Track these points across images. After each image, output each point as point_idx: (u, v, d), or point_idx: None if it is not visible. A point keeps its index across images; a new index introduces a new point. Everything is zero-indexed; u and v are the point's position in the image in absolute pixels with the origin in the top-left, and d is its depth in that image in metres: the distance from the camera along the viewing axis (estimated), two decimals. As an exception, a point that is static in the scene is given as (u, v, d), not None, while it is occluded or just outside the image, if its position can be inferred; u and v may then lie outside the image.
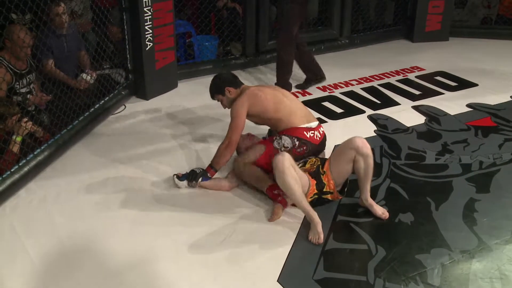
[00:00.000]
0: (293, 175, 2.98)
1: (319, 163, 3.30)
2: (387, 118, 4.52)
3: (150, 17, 4.61)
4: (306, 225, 3.10)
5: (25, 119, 3.61)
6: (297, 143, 3.42)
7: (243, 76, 5.41)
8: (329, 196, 3.25)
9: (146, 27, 4.61)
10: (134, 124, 4.43)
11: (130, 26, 4.63)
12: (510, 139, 4.09)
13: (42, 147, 3.66)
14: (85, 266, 2.80)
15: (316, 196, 3.20)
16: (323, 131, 3.58)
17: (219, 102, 3.72)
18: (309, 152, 3.48)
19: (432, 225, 3.10)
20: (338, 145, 3.97)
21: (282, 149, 3.38)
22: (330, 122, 4.47)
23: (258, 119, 3.62)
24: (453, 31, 6.67)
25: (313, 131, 3.50)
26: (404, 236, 3.02)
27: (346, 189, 3.29)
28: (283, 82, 4.92)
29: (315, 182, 3.19)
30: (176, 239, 3.00)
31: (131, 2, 4.53)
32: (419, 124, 4.39)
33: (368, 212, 3.22)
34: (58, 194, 3.42)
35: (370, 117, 4.54)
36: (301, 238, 3.00)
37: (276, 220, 3.16)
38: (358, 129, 4.29)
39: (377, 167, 3.72)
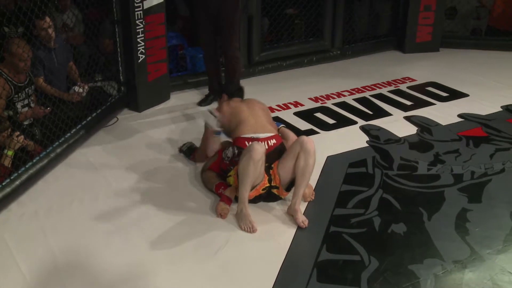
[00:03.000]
0: (257, 168, 3.15)
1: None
2: (379, 128, 4.53)
3: (142, 29, 4.62)
4: (300, 236, 3.12)
5: (17, 133, 3.60)
6: (236, 151, 3.47)
7: (235, 87, 5.43)
8: (275, 191, 3.37)
9: (138, 40, 4.62)
10: (127, 136, 4.42)
11: (122, 39, 4.64)
12: (501, 149, 4.12)
13: (34, 160, 3.65)
14: (78, 280, 2.78)
15: (267, 189, 3.34)
16: (274, 143, 3.49)
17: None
18: None
19: (425, 235, 3.11)
20: (330, 156, 4.02)
21: (226, 159, 3.51)
22: (323, 133, 4.49)
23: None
24: (443, 42, 6.72)
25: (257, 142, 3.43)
26: (397, 246, 3.02)
27: (293, 187, 3.35)
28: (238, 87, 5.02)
29: (267, 176, 3.32)
30: (169, 251, 2.99)
31: (123, 15, 4.55)
32: (411, 135, 4.41)
33: (361, 223, 3.22)
34: (50, 208, 3.40)
35: (362, 128, 4.56)
36: (294, 249, 3.00)
37: (226, 215, 3.30)
38: (350, 139, 4.31)
39: (370, 177, 3.74)
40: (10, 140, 3.55)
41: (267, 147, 3.43)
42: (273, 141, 3.49)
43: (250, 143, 3.25)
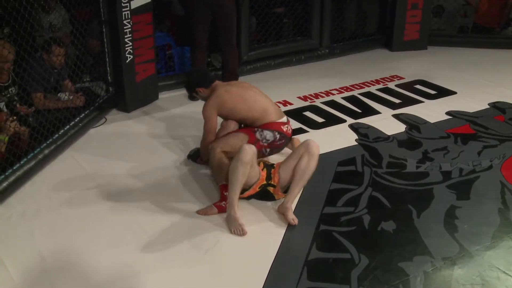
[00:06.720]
0: (246, 171, 3.13)
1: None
2: (368, 127, 4.55)
3: (129, 29, 4.59)
4: (290, 235, 3.12)
5: (11, 119, 3.63)
6: (278, 136, 3.56)
7: (224, 87, 5.42)
8: (271, 189, 3.37)
9: (126, 40, 4.59)
10: (115, 137, 4.40)
11: (110, 39, 4.61)
12: (488, 146, 4.15)
13: (22, 162, 3.62)
14: (66, 281, 2.76)
15: (263, 187, 3.35)
16: (291, 125, 3.75)
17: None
18: (285, 145, 3.70)
19: (414, 233, 3.12)
20: (319, 154, 4.01)
21: (264, 140, 3.52)
22: (312, 131, 4.49)
23: (230, 117, 3.76)
24: (431, 40, 6.76)
25: (287, 126, 3.65)
26: (386, 244, 3.04)
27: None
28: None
29: (266, 173, 3.33)
30: (159, 252, 2.98)
31: (110, 15, 4.52)
32: (399, 133, 4.43)
33: (351, 221, 3.23)
34: (38, 209, 3.37)
35: (351, 126, 4.57)
36: (284, 248, 3.00)
37: (202, 215, 3.29)
38: (339, 138, 4.32)
39: (359, 176, 3.75)
40: (4, 126, 3.54)
41: (291, 129, 3.67)
42: (291, 125, 3.71)
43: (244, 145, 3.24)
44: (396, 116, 4.76)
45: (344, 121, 4.69)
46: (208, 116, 3.66)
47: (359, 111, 4.91)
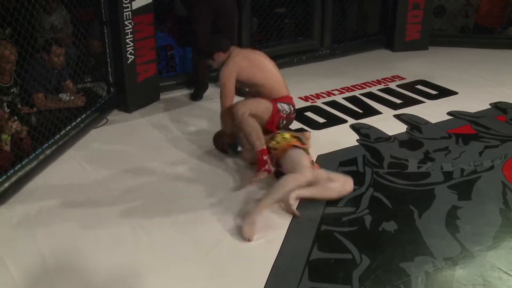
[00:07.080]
0: (292, 190, 3.27)
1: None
2: (369, 127, 4.55)
3: (131, 30, 4.60)
4: (291, 235, 3.11)
5: (13, 120, 3.65)
6: (292, 109, 3.70)
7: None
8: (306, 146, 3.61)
9: (127, 40, 4.60)
10: (116, 137, 4.40)
11: (111, 40, 4.62)
12: (490, 146, 4.14)
13: (23, 162, 3.62)
14: (68, 281, 2.76)
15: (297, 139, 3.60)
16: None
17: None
18: (294, 119, 3.93)
19: (415, 233, 3.12)
20: (321, 155, 4.02)
21: (283, 112, 3.65)
22: (313, 132, 4.48)
23: (245, 85, 3.79)
24: (432, 40, 6.75)
25: (293, 101, 3.83)
26: (388, 244, 3.03)
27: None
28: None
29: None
30: (160, 252, 2.98)
31: (111, 16, 4.53)
32: (401, 133, 4.43)
33: (352, 221, 3.23)
34: (39, 210, 3.37)
35: (353, 127, 4.57)
36: (286, 249, 3.00)
37: (256, 182, 3.43)
38: (341, 138, 4.32)
39: (360, 176, 3.75)
40: (6, 126, 3.59)
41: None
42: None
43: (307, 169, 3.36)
44: (397, 117, 4.76)
45: (346, 121, 4.69)
46: (226, 80, 3.65)
47: (361, 111, 4.91)
